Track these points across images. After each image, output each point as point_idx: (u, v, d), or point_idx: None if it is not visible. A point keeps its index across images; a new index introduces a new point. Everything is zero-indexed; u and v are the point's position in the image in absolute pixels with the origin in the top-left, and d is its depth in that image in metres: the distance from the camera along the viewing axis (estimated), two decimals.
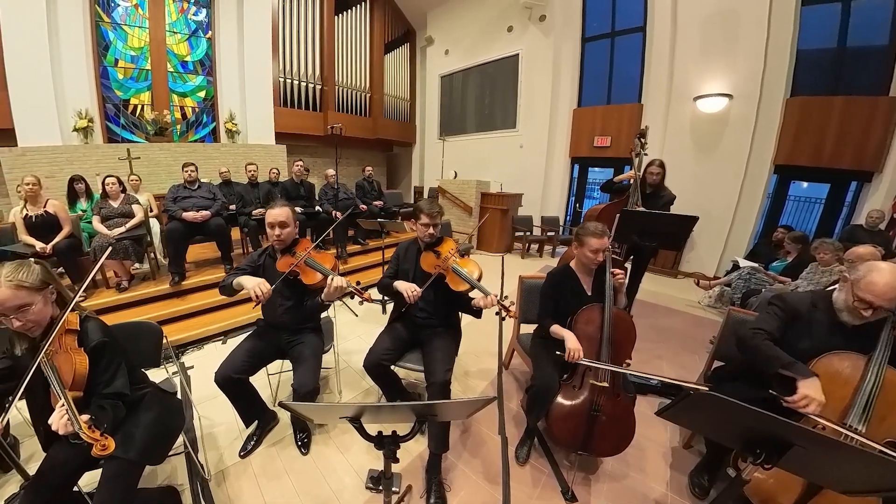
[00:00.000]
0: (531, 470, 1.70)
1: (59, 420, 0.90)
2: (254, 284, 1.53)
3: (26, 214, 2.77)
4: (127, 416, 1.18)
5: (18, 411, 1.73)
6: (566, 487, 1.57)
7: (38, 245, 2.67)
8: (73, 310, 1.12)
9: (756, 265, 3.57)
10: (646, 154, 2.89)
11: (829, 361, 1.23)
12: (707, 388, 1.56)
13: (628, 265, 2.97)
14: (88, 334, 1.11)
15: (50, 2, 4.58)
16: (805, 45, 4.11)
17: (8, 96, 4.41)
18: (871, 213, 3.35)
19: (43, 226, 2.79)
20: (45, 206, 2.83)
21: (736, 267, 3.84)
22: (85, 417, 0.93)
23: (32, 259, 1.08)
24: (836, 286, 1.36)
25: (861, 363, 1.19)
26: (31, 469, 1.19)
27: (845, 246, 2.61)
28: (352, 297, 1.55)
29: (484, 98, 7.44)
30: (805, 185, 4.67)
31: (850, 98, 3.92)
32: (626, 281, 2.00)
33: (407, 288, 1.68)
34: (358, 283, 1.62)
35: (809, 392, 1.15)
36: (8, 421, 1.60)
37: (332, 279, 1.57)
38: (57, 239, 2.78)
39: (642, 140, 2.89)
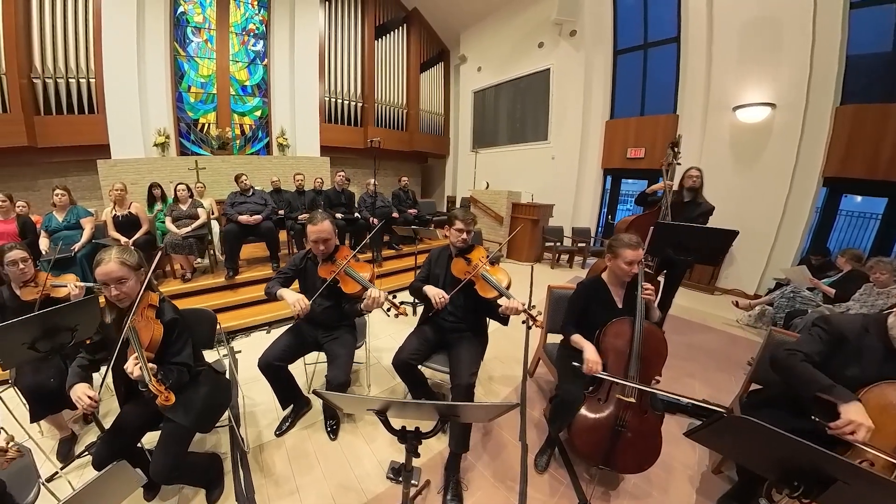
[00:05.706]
0: (549, 479, 1.67)
1: (133, 365, 1.11)
2: (293, 300, 1.64)
3: (114, 214, 3.27)
4: (186, 387, 1.37)
5: (100, 376, 2.04)
6: (584, 500, 1.53)
7: (123, 240, 3.12)
8: (153, 291, 1.36)
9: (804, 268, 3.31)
10: (678, 164, 2.81)
11: (881, 391, 1.12)
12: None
13: (661, 279, 2.87)
14: (165, 312, 1.34)
15: (140, 42, 5.59)
16: (855, 50, 3.79)
17: (105, 118, 5.36)
18: None
19: (126, 224, 3.27)
20: (129, 208, 3.31)
21: (779, 285, 3.55)
22: (154, 369, 1.13)
23: (134, 247, 1.33)
24: (893, 311, 1.24)
25: None
26: (106, 424, 1.43)
27: None
28: (388, 312, 1.62)
29: (515, 111, 7.53)
30: (859, 199, 4.22)
31: None
32: (657, 297, 1.94)
33: (435, 294, 1.72)
34: (394, 296, 1.67)
35: (855, 417, 1.06)
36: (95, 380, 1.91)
37: (371, 292, 1.63)
38: (137, 235, 3.24)
39: (675, 150, 2.82)
